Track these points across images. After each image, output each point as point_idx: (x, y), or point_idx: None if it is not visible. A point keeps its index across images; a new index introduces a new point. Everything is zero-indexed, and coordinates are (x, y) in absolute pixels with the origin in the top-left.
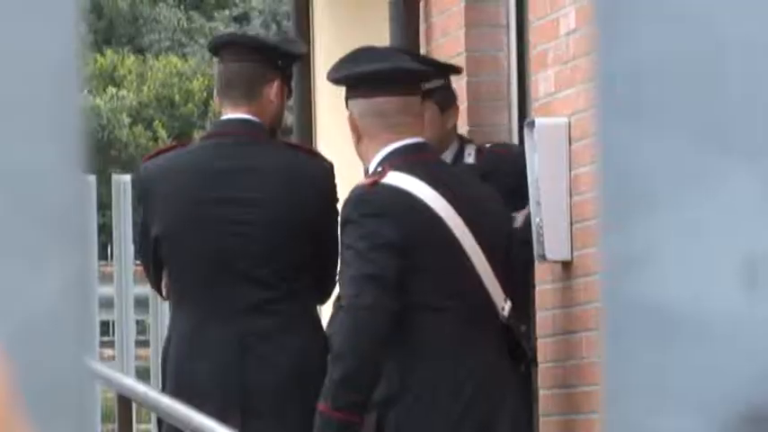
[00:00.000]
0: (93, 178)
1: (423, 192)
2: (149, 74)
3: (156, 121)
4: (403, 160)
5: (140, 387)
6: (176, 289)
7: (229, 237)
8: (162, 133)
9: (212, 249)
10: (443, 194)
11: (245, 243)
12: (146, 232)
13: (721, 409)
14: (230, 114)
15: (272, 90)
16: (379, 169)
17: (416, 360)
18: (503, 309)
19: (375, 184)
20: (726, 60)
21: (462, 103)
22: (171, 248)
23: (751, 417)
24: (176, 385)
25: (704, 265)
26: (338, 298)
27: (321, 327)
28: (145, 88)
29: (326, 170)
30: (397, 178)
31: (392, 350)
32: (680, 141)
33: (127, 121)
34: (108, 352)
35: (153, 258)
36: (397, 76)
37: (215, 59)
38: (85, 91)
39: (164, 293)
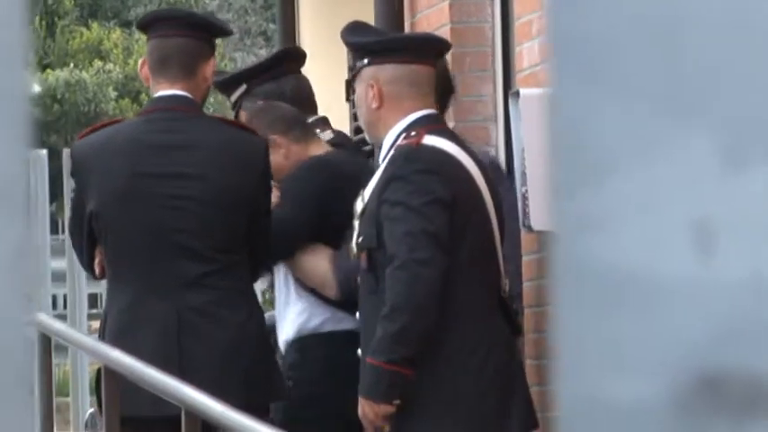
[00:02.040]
0: (44, 153)
1: (460, 155)
2: (135, 47)
3: (143, 95)
4: (432, 127)
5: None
6: (113, 265)
7: (166, 211)
8: None
9: (149, 224)
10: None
11: (182, 217)
12: (79, 209)
13: (676, 373)
14: (166, 91)
15: (209, 68)
16: (413, 133)
17: (450, 321)
18: (505, 282)
19: (419, 143)
20: (685, 26)
21: None
22: (106, 223)
23: (705, 380)
24: None
25: (659, 230)
26: (370, 259)
27: (257, 302)
28: (131, 62)
29: (262, 146)
30: (435, 141)
31: None
32: (636, 106)
33: (113, 94)
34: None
35: (87, 235)
36: (432, 45)
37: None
38: (33, 69)
39: (96, 272)
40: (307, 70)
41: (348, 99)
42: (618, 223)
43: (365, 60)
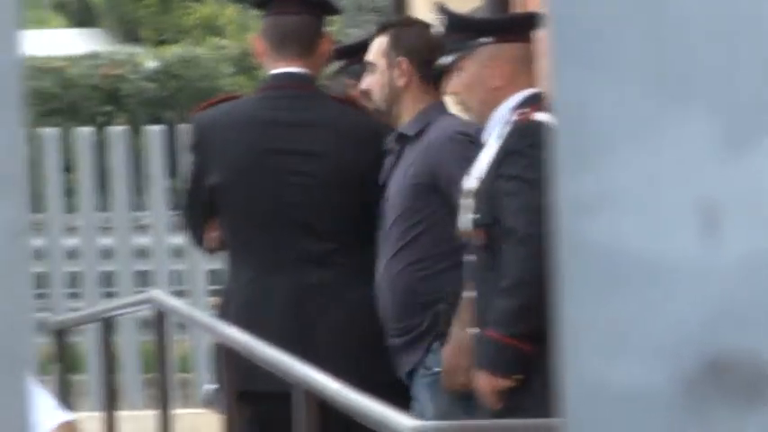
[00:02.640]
0: (160, 129)
1: None
2: (250, 23)
3: (259, 71)
4: (540, 105)
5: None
6: (233, 240)
7: (286, 187)
8: None
9: (268, 200)
10: None
11: (301, 194)
12: (197, 181)
13: (680, 357)
14: (285, 68)
15: (325, 45)
16: (526, 110)
17: None
18: None
19: (531, 119)
20: (683, 5)
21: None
22: (226, 198)
23: (710, 365)
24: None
25: (661, 211)
26: (487, 235)
27: (372, 280)
28: (246, 37)
29: (379, 128)
30: (545, 117)
31: None
32: (636, 86)
33: (229, 70)
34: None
35: (203, 209)
36: (537, 22)
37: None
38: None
39: (204, 245)
40: None
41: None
42: (620, 206)
43: (487, 38)
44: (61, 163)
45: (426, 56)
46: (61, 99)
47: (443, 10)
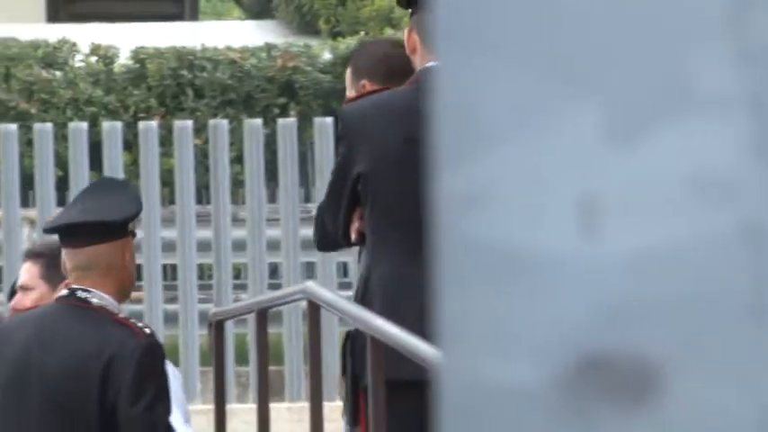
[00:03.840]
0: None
1: None
2: None
3: None
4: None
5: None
6: (378, 229)
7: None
8: None
9: (417, 190)
10: None
11: None
12: (345, 171)
13: (560, 355)
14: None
15: None
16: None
17: None
18: None
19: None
20: None
21: None
22: (374, 188)
23: (590, 363)
24: None
25: (543, 206)
26: None
27: None
28: None
29: None
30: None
31: None
32: (520, 75)
33: None
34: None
35: (349, 198)
36: None
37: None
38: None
39: (352, 238)
40: None
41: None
42: (502, 198)
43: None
44: (231, 154)
45: (384, 69)
46: (236, 90)
47: None
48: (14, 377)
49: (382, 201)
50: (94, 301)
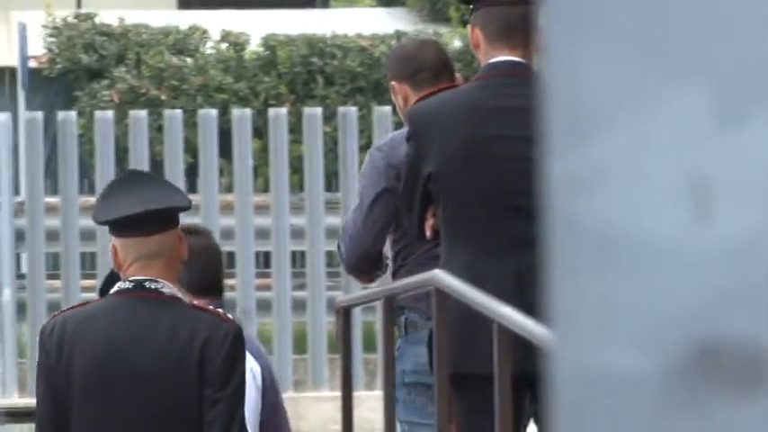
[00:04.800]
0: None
1: None
2: None
3: None
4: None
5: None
6: (450, 226)
7: (502, 172)
8: None
9: (486, 185)
10: None
11: (521, 179)
12: (415, 170)
13: (672, 341)
14: (505, 57)
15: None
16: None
17: None
18: None
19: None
20: None
21: None
22: (445, 185)
23: (702, 349)
24: (458, 324)
25: (653, 190)
26: None
27: None
28: None
29: None
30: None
31: None
32: (630, 61)
33: None
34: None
35: (420, 197)
36: None
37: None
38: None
39: (427, 234)
40: None
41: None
42: (611, 182)
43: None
44: (360, 141)
45: (409, 68)
46: (366, 78)
47: None
48: (98, 371)
49: (453, 198)
50: (165, 291)
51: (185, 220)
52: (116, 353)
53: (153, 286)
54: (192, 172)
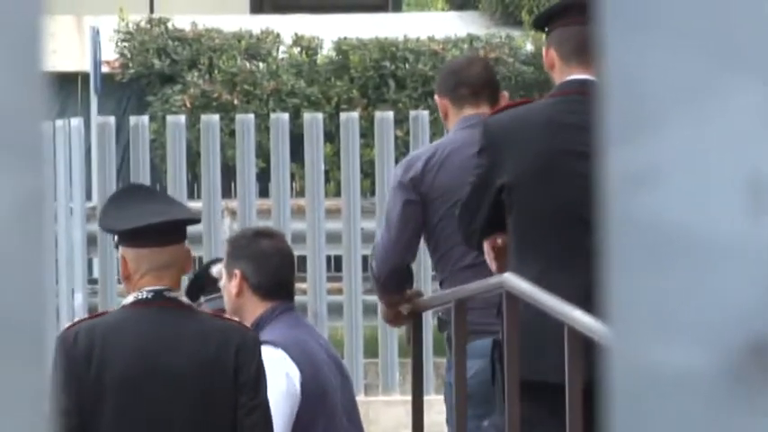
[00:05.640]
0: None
1: None
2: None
3: None
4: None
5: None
6: (520, 238)
7: (577, 188)
8: None
9: (559, 199)
10: None
11: (583, 193)
12: (487, 182)
13: (724, 338)
14: (579, 75)
15: None
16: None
17: None
18: None
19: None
20: None
21: None
22: (519, 197)
23: (755, 347)
24: (528, 331)
25: (710, 185)
26: None
27: None
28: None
29: None
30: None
31: None
32: (688, 56)
33: None
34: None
35: (489, 208)
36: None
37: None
38: None
39: (487, 257)
40: None
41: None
42: (669, 178)
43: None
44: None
45: (452, 83)
46: None
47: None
48: (133, 380)
49: (526, 209)
50: (184, 300)
51: (257, 222)
52: (152, 362)
53: (172, 296)
54: (263, 176)
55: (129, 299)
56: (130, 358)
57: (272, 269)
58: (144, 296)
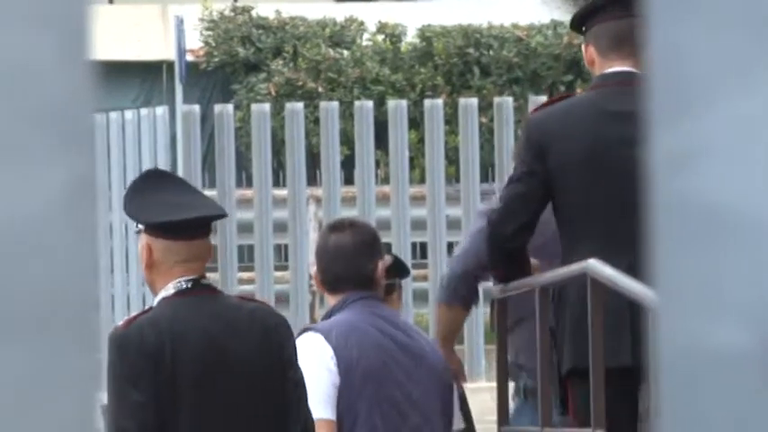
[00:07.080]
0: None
1: None
2: None
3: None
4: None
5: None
6: (569, 225)
7: (621, 175)
8: None
9: (606, 186)
10: None
11: (634, 181)
12: (531, 172)
13: None
14: (619, 67)
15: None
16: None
17: None
18: None
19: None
20: None
21: None
22: (564, 186)
23: None
24: (577, 319)
25: (756, 164)
26: None
27: None
28: None
29: None
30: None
31: None
32: (732, 36)
33: None
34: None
35: (532, 197)
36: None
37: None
38: None
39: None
40: None
41: None
42: (715, 158)
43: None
44: (516, 132)
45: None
46: (522, 68)
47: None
48: (209, 370)
49: (571, 199)
50: (218, 288)
51: (341, 210)
52: (222, 351)
53: (207, 283)
54: (348, 163)
55: (170, 289)
56: (204, 350)
57: (324, 266)
58: (183, 286)
